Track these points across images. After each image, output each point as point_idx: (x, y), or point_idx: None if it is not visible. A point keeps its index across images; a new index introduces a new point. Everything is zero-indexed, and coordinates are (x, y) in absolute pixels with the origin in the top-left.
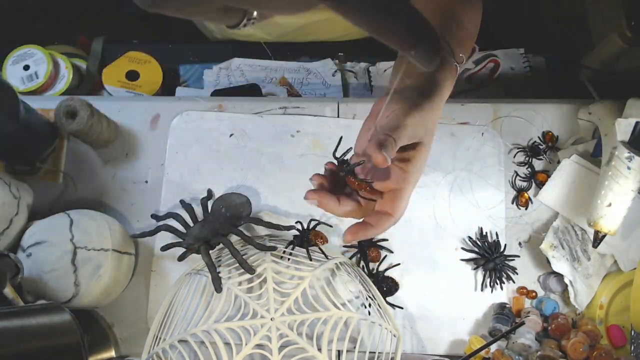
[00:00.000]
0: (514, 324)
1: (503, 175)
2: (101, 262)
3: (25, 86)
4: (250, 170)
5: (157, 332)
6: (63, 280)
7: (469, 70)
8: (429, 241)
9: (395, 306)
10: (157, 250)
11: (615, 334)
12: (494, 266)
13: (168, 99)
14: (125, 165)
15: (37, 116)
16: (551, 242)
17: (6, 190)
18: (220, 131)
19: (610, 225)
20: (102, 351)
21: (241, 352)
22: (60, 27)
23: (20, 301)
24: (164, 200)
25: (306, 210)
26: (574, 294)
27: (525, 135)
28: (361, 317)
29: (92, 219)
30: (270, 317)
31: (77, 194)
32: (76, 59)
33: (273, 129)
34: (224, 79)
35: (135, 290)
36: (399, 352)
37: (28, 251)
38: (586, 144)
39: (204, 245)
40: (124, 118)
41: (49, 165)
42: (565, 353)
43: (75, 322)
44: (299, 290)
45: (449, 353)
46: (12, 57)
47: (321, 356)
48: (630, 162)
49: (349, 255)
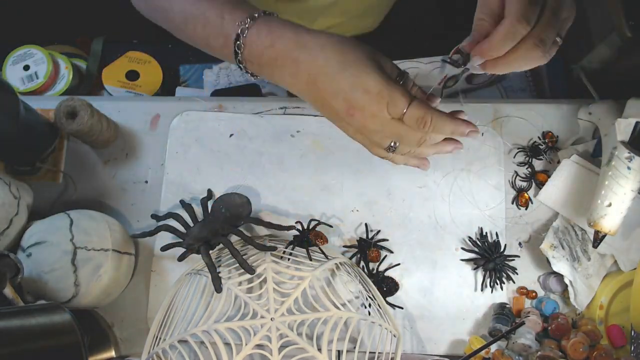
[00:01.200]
0: (514, 324)
1: (503, 175)
2: (101, 262)
3: (25, 86)
4: (250, 170)
5: (157, 332)
6: (63, 280)
7: (469, 70)
8: (429, 241)
9: (395, 306)
10: (157, 250)
11: (615, 334)
12: (494, 266)
13: (168, 99)
14: (125, 165)
15: (37, 116)
16: (551, 242)
17: (6, 190)
18: (220, 131)
19: (610, 225)
20: (102, 351)
21: (241, 352)
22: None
23: (20, 301)
24: (164, 200)
25: (306, 210)
26: (574, 294)
27: (525, 135)
28: (361, 317)
29: (92, 219)
30: (270, 317)
31: (77, 194)
32: (76, 59)
33: (273, 129)
34: (224, 79)
35: (135, 290)
36: (399, 352)
37: (28, 251)
38: (586, 144)
39: (204, 245)
40: (124, 118)
41: (49, 165)
42: (565, 353)
43: (75, 322)
44: (299, 290)
45: (449, 353)
46: (12, 57)
47: (321, 356)
48: (630, 162)
49: (349, 255)
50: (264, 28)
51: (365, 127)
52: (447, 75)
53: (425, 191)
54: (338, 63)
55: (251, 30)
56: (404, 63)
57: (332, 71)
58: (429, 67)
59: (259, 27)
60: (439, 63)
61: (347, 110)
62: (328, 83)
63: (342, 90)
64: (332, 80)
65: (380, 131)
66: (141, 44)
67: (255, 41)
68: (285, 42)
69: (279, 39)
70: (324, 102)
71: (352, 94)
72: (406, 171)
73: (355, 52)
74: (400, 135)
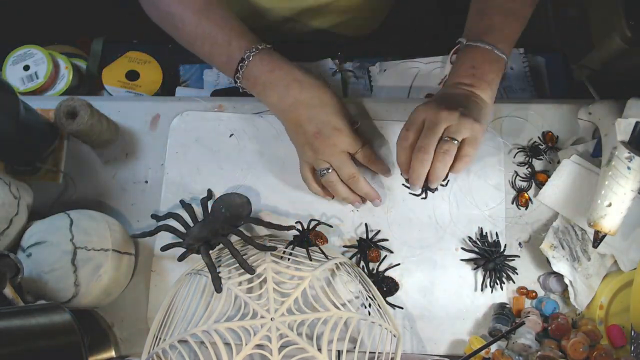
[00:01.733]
0: (514, 324)
1: (503, 175)
2: (101, 262)
3: (25, 86)
4: (250, 170)
5: (157, 332)
6: (63, 280)
7: None
8: (429, 241)
9: (395, 306)
10: (157, 250)
11: (615, 334)
12: (494, 266)
13: (168, 99)
14: (125, 165)
15: (37, 116)
16: (551, 242)
17: (6, 190)
18: (220, 131)
19: (610, 225)
20: (102, 351)
21: (241, 352)
22: (60, 27)
23: (20, 301)
24: (164, 200)
25: (306, 210)
26: (574, 294)
27: (525, 135)
28: (361, 317)
29: (92, 219)
30: (270, 317)
31: (77, 194)
32: (76, 59)
33: (273, 129)
34: (224, 79)
35: (135, 290)
36: (399, 352)
37: (28, 251)
38: (586, 144)
39: (204, 245)
40: (124, 118)
41: (49, 165)
42: (565, 353)
43: (75, 322)
44: (299, 290)
45: (449, 353)
46: (12, 57)
47: (321, 356)
48: (630, 162)
49: (349, 255)
50: (266, 57)
51: (318, 149)
52: (447, 75)
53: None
54: (320, 101)
55: (255, 57)
56: (404, 63)
57: (313, 104)
58: (429, 67)
59: (261, 56)
60: (439, 63)
61: (314, 134)
62: (308, 111)
63: (316, 120)
64: (312, 110)
65: (329, 155)
66: (141, 44)
67: (258, 65)
68: (282, 72)
69: (277, 69)
70: (297, 122)
71: (323, 126)
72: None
73: (332, 96)
74: (340, 165)
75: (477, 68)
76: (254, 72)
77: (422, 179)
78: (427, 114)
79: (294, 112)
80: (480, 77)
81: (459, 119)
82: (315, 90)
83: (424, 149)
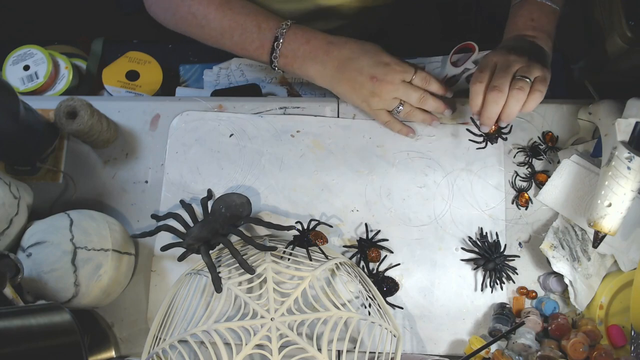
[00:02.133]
0: (514, 324)
1: (503, 175)
2: (101, 262)
3: (25, 86)
4: (250, 170)
5: (157, 332)
6: (63, 280)
7: (469, 70)
8: (429, 241)
9: (395, 306)
10: (157, 250)
11: (615, 334)
12: (494, 266)
13: (168, 99)
14: (125, 165)
15: (37, 116)
16: (551, 242)
17: (6, 190)
18: (220, 131)
19: (610, 225)
20: (102, 351)
21: (241, 352)
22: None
23: (20, 301)
24: (164, 200)
25: (306, 210)
26: (574, 294)
27: (525, 135)
28: (361, 317)
29: (92, 219)
30: (270, 317)
31: (77, 194)
32: (76, 59)
33: (273, 129)
34: (223, 79)
35: (135, 290)
36: (399, 352)
37: (28, 251)
38: (586, 144)
39: (204, 245)
40: (124, 118)
41: (49, 165)
42: (565, 353)
43: (75, 322)
44: (299, 290)
45: (449, 353)
46: (12, 57)
47: (321, 356)
48: (630, 162)
49: (349, 255)
50: (298, 31)
51: (382, 92)
52: (447, 75)
53: (425, 191)
54: (360, 50)
55: (288, 32)
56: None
57: (356, 55)
58: (429, 67)
59: (294, 31)
60: (439, 63)
61: (371, 80)
62: (354, 64)
63: (365, 66)
64: (357, 61)
65: (394, 91)
66: (141, 44)
67: (293, 39)
68: (317, 40)
69: (313, 38)
70: (350, 79)
71: (374, 68)
72: (406, 171)
73: (371, 44)
74: (407, 94)
75: (536, 20)
76: (292, 46)
77: (494, 118)
78: (498, 58)
79: (343, 73)
80: (540, 29)
81: (529, 62)
82: (351, 43)
83: (497, 87)
